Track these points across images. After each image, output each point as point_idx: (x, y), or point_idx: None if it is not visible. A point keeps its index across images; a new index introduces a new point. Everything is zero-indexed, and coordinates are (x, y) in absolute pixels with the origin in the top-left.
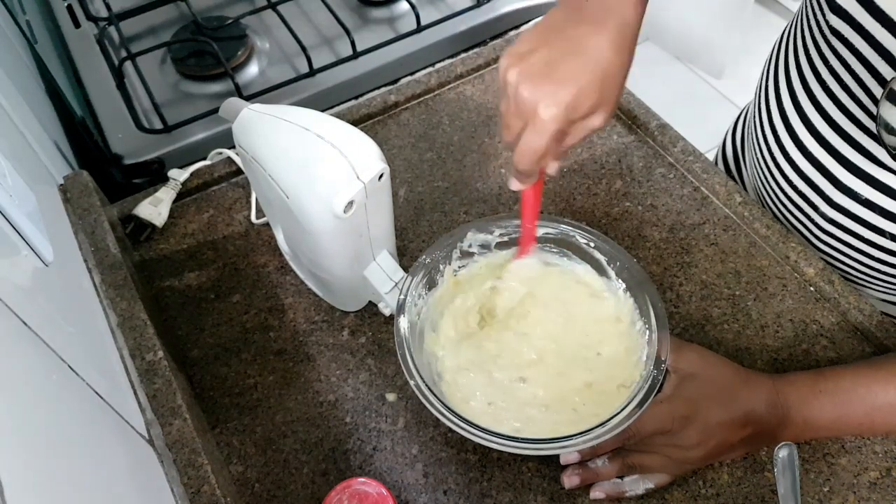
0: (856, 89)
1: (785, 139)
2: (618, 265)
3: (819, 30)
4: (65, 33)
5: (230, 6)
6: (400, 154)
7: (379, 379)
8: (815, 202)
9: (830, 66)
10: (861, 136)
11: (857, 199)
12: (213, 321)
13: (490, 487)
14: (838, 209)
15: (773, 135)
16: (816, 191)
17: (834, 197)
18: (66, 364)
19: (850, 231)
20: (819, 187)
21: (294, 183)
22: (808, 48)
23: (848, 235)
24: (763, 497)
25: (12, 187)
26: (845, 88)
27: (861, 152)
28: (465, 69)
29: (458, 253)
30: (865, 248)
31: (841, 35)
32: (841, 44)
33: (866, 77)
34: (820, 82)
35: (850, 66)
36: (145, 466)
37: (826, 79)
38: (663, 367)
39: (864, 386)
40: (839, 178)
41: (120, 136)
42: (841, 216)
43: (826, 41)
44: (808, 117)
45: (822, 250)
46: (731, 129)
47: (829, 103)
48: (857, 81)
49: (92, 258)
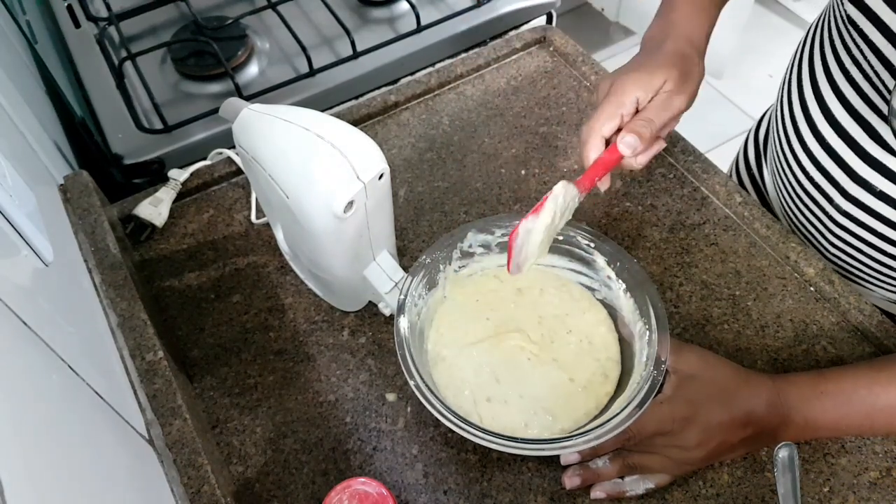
0: (874, 78)
1: (803, 128)
2: (618, 265)
3: (843, 20)
4: (65, 33)
5: (230, 6)
6: (400, 154)
7: (379, 379)
8: (830, 194)
9: (852, 55)
10: (880, 124)
11: (872, 190)
12: (213, 321)
13: (490, 487)
14: (853, 201)
15: (793, 125)
16: (832, 182)
17: (849, 188)
18: (66, 364)
19: (863, 224)
20: (835, 178)
21: (294, 183)
22: (833, 37)
23: (861, 229)
24: (763, 497)
25: (12, 187)
26: (866, 77)
27: (878, 142)
28: (465, 69)
29: (458, 253)
30: (878, 243)
31: (856, 24)
32: (857, 33)
33: (879, 68)
34: (843, 71)
35: (866, 55)
36: (145, 466)
37: (849, 67)
38: (663, 367)
39: (865, 387)
40: (855, 168)
41: (120, 136)
42: (855, 209)
43: (847, 29)
44: (828, 105)
45: (835, 245)
46: (755, 127)
47: (849, 91)
48: (874, 71)
49: (92, 258)
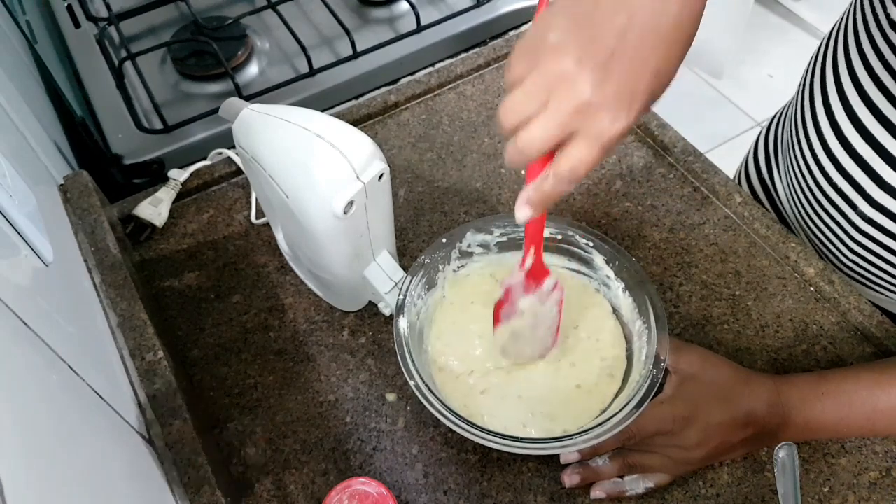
0: None
1: (828, 134)
2: (617, 265)
3: (877, 23)
4: (65, 33)
5: (230, 6)
6: (400, 154)
7: (379, 379)
8: (854, 201)
9: (885, 61)
10: None
11: None
12: (213, 321)
13: (490, 487)
14: (879, 208)
15: (816, 130)
16: (857, 189)
17: (875, 195)
18: (66, 364)
19: (888, 232)
20: (860, 185)
21: (294, 183)
22: (861, 42)
23: (885, 236)
24: (763, 497)
25: (12, 187)
26: None
27: None
28: (465, 69)
29: (457, 253)
30: None
31: None
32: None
33: None
34: (872, 77)
35: None
36: (145, 466)
37: (879, 73)
38: (663, 366)
39: (866, 389)
40: (883, 175)
41: (120, 136)
42: (881, 216)
43: (883, 34)
44: (856, 112)
45: (855, 251)
46: (765, 132)
47: (879, 97)
48: None
49: (92, 258)
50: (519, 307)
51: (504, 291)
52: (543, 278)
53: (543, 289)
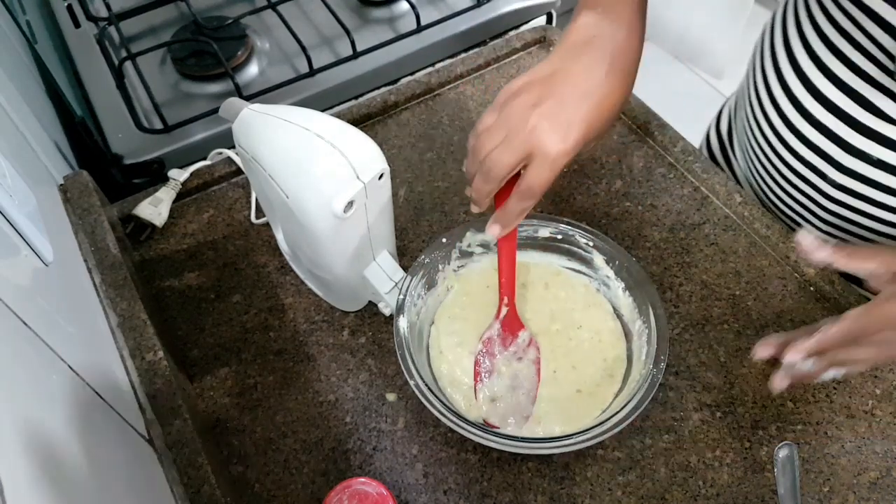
0: (871, 47)
1: (788, 110)
2: (617, 265)
3: None
4: (65, 33)
5: (230, 6)
6: (400, 154)
7: (379, 379)
8: (823, 170)
9: (841, 28)
10: (874, 94)
11: (870, 160)
12: (213, 321)
13: (490, 487)
14: (848, 173)
15: (775, 109)
16: (825, 157)
17: (844, 161)
18: (66, 364)
19: (860, 195)
20: (827, 153)
21: (294, 183)
22: (814, 14)
23: (858, 200)
24: (763, 497)
25: (12, 187)
26: (858, 48)
27: (872, 112)
28: (465, 69)
29: (457, 253)
30: (877, 213)
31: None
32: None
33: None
34: (829, 46)
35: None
36: (145, 466)
37: (835, 41)
38: (662, 365)
39: None
40: (849, 140)
41: (120, 136)
42: (851, 180)
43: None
44: (814, 84)
45: (827, 221)
46: (715, 121)
47: (838, 66)
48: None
49: (92, 258)
50: (497, 364)
51: (483, 342)
52: (518, 330)
53: (519, 341)
